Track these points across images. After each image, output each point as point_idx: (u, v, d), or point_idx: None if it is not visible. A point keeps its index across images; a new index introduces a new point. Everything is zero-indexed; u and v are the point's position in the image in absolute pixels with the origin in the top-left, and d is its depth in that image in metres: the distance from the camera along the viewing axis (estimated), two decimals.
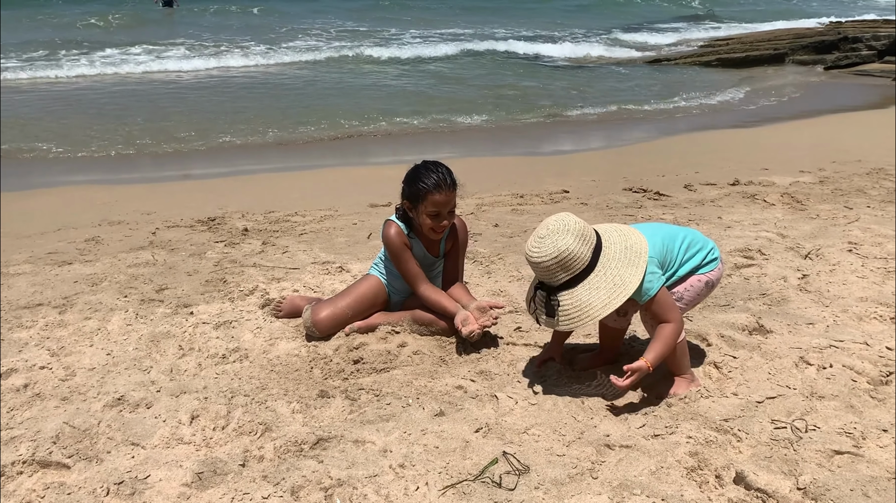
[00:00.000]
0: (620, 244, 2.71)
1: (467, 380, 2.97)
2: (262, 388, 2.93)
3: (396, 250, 3.34)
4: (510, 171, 7.45)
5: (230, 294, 3.92)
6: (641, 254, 2.69)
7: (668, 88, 13.41)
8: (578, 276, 2.64)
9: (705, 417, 2.61)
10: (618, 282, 2.64)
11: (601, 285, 2.64)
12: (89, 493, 2.27)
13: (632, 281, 2.64)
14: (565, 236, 2.61)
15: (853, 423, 2.56)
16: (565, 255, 2.60)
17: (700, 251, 2.90)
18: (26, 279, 4.27)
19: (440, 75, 14.55)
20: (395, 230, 3.35)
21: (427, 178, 3.20)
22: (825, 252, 4.45)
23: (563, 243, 2.60)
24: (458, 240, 3.46)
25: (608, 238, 2.73)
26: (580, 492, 2.22)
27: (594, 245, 2.67)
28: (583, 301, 2.64)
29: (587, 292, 2.64)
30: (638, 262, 2.67)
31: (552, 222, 2.66)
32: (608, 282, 2.64)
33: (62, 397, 2.88)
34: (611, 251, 2.69)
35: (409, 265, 3.34)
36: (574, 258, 2.61)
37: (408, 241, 3.36)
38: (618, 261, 2.67)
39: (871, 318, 3.50)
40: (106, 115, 10.21)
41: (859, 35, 17.28)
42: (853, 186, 6.34)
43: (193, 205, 6.15)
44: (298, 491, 2.26)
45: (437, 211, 3.23)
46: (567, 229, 2.62)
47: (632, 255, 2.68)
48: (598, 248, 2.68)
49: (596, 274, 2.65)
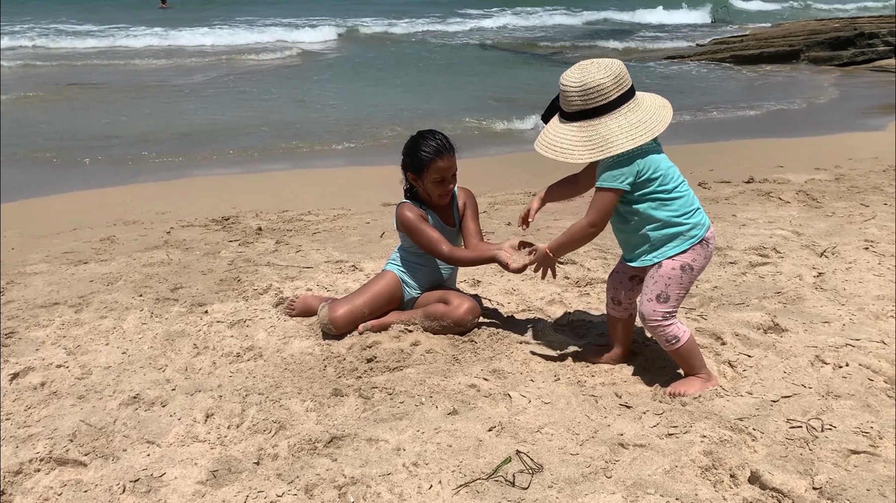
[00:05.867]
0: (642, 113, 2.67)
1: (480, 379, 2.96)
2: (276, 387, 2.94)
3: (414, 223, 3.36)
4: (522, 169, 7.43)
5: (244, 293, 3.94)
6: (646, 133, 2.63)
7: (682, 85, 13.33)
8: (585, 113, 2.65)
9: (720, 416, 2.60)
10: (603, 141, 2.63)
11: (593, 134, 2.64)
12: (105, 491, 2.29)
13: (615, 148, 2.61)
14: (601, 70, 2.62)
15: (870, 423, 2.54)
16: (590, 86, 2.61)
17: (688, 212, 2.74)
18: (43, 278, 4.30)
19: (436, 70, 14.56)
20: (407, 207, 3.41)
21: (427, 147, 3.29)
22: (841, 250, 4.41)
23: (599, 75, 2.61)
24: (469, 205, 3.52)
25: (641, 101, 2.71)
26: (594, 492, 2.21)
27: (621, 93, 2.65)
28: (562, 134, 2.69)
29: (568, 129, 2.68)
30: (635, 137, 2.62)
31: (597, 61, 2.67)
32: (598, 135, 2.63)
33: (78, 395, 2.90)
34: (631, 115, 2.66)
35: (430, 232, 3.36)
36: (596, 90, 2.62)
37: (423, 213, 3.42)
38: (627, 127, 2.63)
39: (888, 317, 3.47)
40: (118, 111, 10.30)
41: (875, 31, 17.09)
42: (869, 184, 6.29)
43: (207, 204, 6.19)
44: (312, 489, 2.26)
45: (442, 176, 3.32)
46: (606, 67, 2.63)
47: (635, 132, 2.63)
48: (623, 100, 2.66)
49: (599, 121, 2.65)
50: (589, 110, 2.64)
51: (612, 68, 2.63)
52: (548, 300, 3.80)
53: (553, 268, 2.99)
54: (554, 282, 3.97)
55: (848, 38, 16.98)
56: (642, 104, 2.69)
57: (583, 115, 2.66)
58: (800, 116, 10.65)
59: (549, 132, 2.76)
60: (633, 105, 2.67)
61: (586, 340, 3.34)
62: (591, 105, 2.63)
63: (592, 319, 3.56)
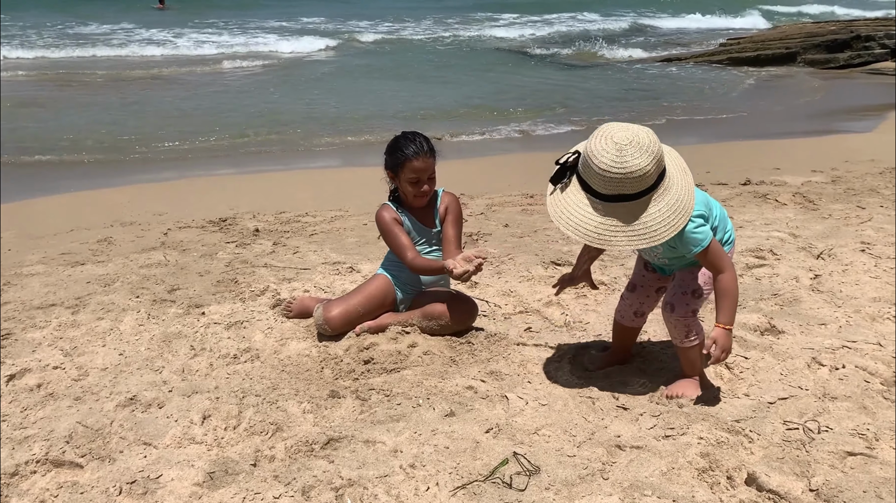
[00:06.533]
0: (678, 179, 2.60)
1: (477, 381, 2.96)
2: (273, 388, 2.94)
3: (386, 225, 3.43)
4: (520, 170, 7.43)
5: (241, 294, 3.94)
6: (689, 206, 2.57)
7: (678, 87, 13.35)
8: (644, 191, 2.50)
9: (717, 418, 2.60)
10: (646, 230, 2.51)
11: (666, 203, 2.53)
12: (102, 493, 2.29)
13: (658, 237, 2.52)
14: (644, 156, 2.44)
15: (866, 425, 2.54)
16: (641, 173, 2.44)
17: (723, 228, 2.83)
18: (39, 280, 4.30)
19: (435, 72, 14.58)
20: (384, 209, 3.47)
21: (406, 147, 3.34)
22: (838, 252, 4.42)
23: (642, 162, 2.43)
24: (450, 210, 3.52)
25: (671, 173, 2.58)
26: (591, 493, 2.21)
27: (660, 173, 2.52)
28: (659, 212, 2.51)
29: (657, 206, 2.51)
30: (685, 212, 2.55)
31: (636, 141, 2.45)
32: (671, 201, 2.53)
33: (75, 397, 2.90)
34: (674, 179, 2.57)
35: (399, 238, 3.42)
36: (646, 178, 2.47)
37: (398, 216, 3.46)
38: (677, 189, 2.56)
39: (885, 319, 3.47)
40: (120, 111, 10.30)
41: (872, 33, 17.12)
42: (866, 186, 6.30)
43: (204, 205, 6.18)
44: (309, 491, 2.26)
45: (417, 177, 3.35)
46: (648, 150, 2.45)
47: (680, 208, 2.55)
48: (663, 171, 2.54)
49: (664, 189, 2.53)
50: (628, 195, 2.50)
51: (652, 150, 2.45)
52: (545, 302, 3.81)
53: (728, 347, 2.65)
54: (550, 284, 3.96)
55: (844, 41, 17.02)
56: (673, 178, 2.58)
57: (620, 198, 2.50)
58: (796, 118, 10.67)
59: (577, 213, 2.56)
60: (668, 182, 2.55)
61: (583, 342, 3.34)
62: (632, 191, 2.48)
63: (590, 321, 3.56)
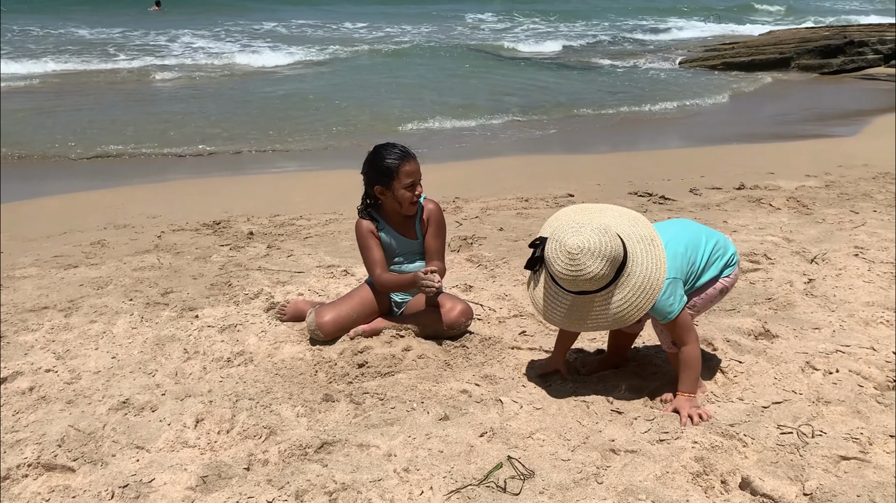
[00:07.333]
0: (642, 257, 2.65)
1: (472, 385, 2.96)
2: (267, 392, 2.93)
3: (363, 238, 3.43)
4: (515, 174, 7.44)
5: (235, 297, 3.93)
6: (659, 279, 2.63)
7: (671, 92, 13.40)
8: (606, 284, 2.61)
9: (711, 422, 2.60)
10: (615, 315, 2.63)
11: (632, 287, 2.61)
12: (94, 497, 2.28)
13: (628, 318, 2.63)
14: (596, 261, 2.53)
15: (860, 429, 2.55)
16: (595, 276, 2.56)
17: (720, 258, 2.87)
18: (32, 282, 4.28)
19: (443, 75, 14.60)
20: (363, 223, 3.45)
21: (391, 155, 3.31)
22: (831, 256, 4.44)
23: (595, 268, 2.54)
24: (432, 221, 3.48)
25: (633, 258, 2.64)
26: (585, 497, 2.21)
27: (622, 259, 2.61)
28: (621, 300, 2.62)
29: (621, 294, 2.61)
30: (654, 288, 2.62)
31: (585, 241, 2.54)
32: (637, 283, 2.61)
33: (67, 400, 2.88)
34: (635, 264, 2.63)
35: (373, 253, 3.42)
36: (601, 278, 2.57)
37: (376, 230, 3.44)
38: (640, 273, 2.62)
39: (878, 323, 3.48)
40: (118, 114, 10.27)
41: (865, 39, 17.23)
42: (859, 191, 6.32)
43: (198, 208, 6.16)
44: (303, 495, 2.25)
45: (413, 180, 3.33)
46: (600, 254, 2.53)
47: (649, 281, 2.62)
48: (625, 260, 2.62)
49: (627, 275, 2.61)
50: (589, 291, 2.61)
51: (604, 253, 2.53)
52: None
53: (696, 409, 2.68)
54: None
55: (838, 46, 17.12)
56: (637, 259, 2.62)
57: (584, 292, 2.62)
58: (790, 123, 10.71)
59: (549, 302, 2.70)
60: (631, 267, 2.61)
61: (578, 345, 3.34)
62: (592, 289, 2.60)
63: None
